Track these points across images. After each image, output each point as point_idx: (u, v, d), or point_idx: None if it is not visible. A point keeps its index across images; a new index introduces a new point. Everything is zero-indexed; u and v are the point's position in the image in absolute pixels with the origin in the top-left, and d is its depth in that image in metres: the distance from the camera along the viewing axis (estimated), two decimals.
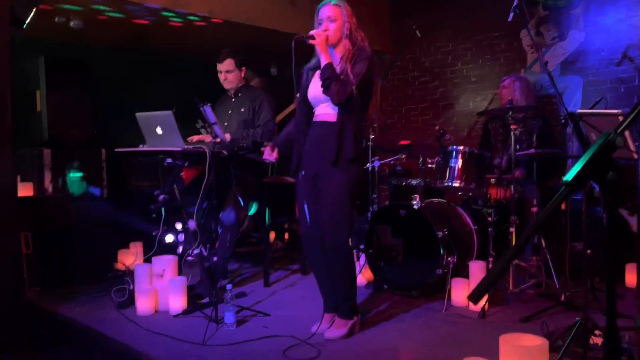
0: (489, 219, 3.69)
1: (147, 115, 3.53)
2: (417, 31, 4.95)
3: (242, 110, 3.97)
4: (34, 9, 4.22)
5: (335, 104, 2.79)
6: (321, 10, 2.86)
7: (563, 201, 0.98)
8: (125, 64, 5.45)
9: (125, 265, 4.27)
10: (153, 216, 3.84)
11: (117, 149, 3.77)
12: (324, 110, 2.91)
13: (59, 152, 4.44)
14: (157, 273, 3.55)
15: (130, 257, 4.34)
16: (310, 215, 2.96)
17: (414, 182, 4.15)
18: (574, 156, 4.30)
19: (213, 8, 4.69)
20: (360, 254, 4.00)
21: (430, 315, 3.28)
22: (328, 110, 2.88)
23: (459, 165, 3.83)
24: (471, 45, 5.68)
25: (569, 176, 0.95)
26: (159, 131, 3.44)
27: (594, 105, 3.20)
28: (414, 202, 3.71)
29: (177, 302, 3.34)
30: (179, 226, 4.08)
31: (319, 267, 3.02)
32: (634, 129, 2.41)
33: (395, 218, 3.74)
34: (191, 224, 3.63)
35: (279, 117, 4.54)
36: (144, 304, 3.34)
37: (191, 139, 3.94)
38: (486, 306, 3.20)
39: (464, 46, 5.74)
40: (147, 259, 4.04)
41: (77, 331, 3.23)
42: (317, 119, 2.95)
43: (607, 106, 3.97)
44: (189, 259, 3.97)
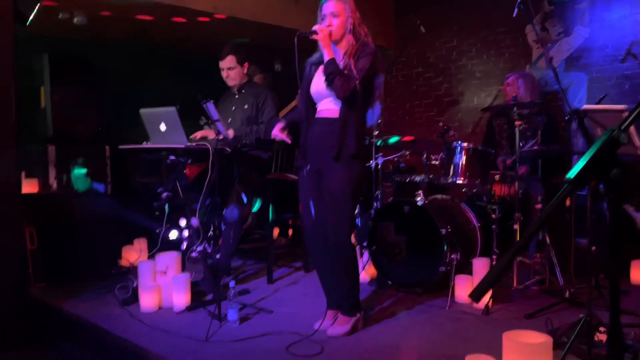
0: (493, 215, 3.68)
1: (151, 112, 3.53)
2: (421, 27, 4.93)
3: (246, 107, 3.96)
4: (38, 5, 4.22)
5: (339, 98, 2.78)
6: (324, 5, 2.84)
7: (566, 199, 0.97)
8: (129, 60, 5.45)
9: (129, 261, 4.27)
10: (157, 213, 3.85)
11: (120, 146, 3.77)
12: (326, 105, 2.89)
13: (64, 148, 4.45)
14: (160, 270, 3.55)
15: (134, 253, 4.35)
16: (312, 211, 2.94)
17: (417, 178, 4.14)
18: (579, 153, 4.28)
19: (217, 4, 4.68)
20: (363, 250, 4.00)
21: (434, 312, 3.28)
22: (331, 106, 2.86)
23: (463, 161, 3.81)
24: (476, 41, 5.65)
25: (571, 173, 0.94)
26: (162, 127, 3.44)
27: (599, 102, 3.19)
28: (417, 199, 3.70)
29: (180, 299, 3.35)
30: (182, 223, 4.08)
31: (321, 263, 3.01)
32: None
33: (398, 215, 3.74)
34: (194, 221, 3.63)
35: (282, 113, 4.53)
36: (147, 301, 3.34)
37: (195, 136, 3.94)
38: (490, 303, 3.19)
39: (468, 42, 5.71)
40: (151, 255, 4.05)
41: (81, 328, 3.24)
42: (320, 114, 2.93)
43: (611, 103, 3.96)
44: (192, 255, 3.97)
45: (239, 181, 3.79)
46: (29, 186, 4.25)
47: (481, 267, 3.41)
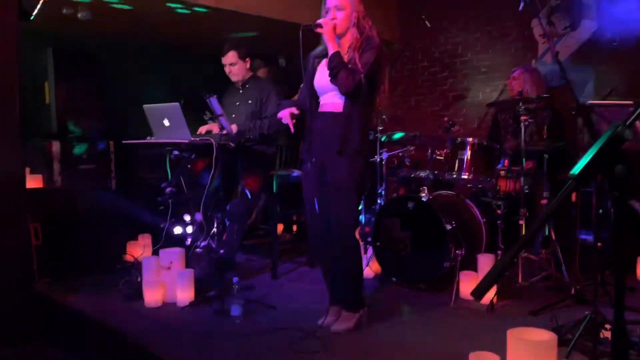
0: (498, 211, 3.66)
1: (154, 107, 3.52)
2: (426, 21, 4.90)
3: (250, 102, 3.95)
4: (41, 1, 4.21)
5: (343, 93, 2.75)
6: None
7: (570, 195, 0.95)
8: (133, 55, 5.44)
9: (133, 257, 4.28)
10: (161, 208, 3.85)
11: (124, 141, 3.77)
12: (330, 99, 2.86)
13: (68, 144, 4.45)
14: (164, 265, 3.55)
15: (138, 249, 4.35)
16: (316, 206, 2.92)
17: (422, 174, 4.11)
18: (585, 148, 4.25)
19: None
20: (367, 246, 3.98)
21: (438, 308, 3.26)
22: (335, 100, 2.83)
23: (468, 157, 3.79)
24: (481, 36, 5.62)
25: (575, 169, 0.92)
26: (166, 123, 3.43)
27: (606, 97, 3.15)
28: (422, 195, 3.68)
29: (184, 295, 3.34)
30: (187, 218, 4.08)
31: (325, 259, 3.00)
32: None
33: (403, 210, 3.71)
34: (198, 216, 3.63)
35: None
36: (151, 296, 3.34)
37: (200, 130, 3.93)
38: (495, 299, 3.17)
39: (474, 36, 5.68)
40: (156, 250, 4.05)
41: (85, 323, 3.24)
42: (323, 108, 2.89)
43: (618, 97, 3.91)
44: (197, 251, 3.97)
45: (242, 176, 3.78)
46: (34, 182, 4.26)
47: (486, 263, 3.39)
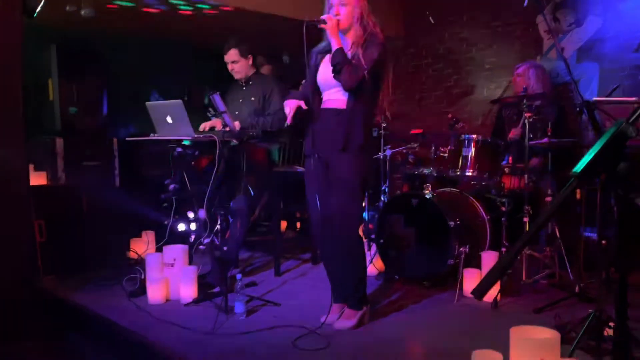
0: (502, 208, 3.64)
1: (156, 104, 3.53)
2: (430, 17, 4.87)
3: (253, 98, 3.95)
4: None
5: (346, 89, 2.74)
6: None
7: (572, 193, 0.94)
8: (137, 52, 5.44)
9: (137, 253, 4.29)
10: (164, 205, 3.85)
11: (127, 138, 3.78)
12: (333, 95, 2.84)
13: (72, 141, 4.46)
14: (168, 262, 3.56)
15: (142, 245, 4.36)
16: (319, 203, 2.90)
17: (426, 171, 4.10)
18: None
19: None
20: (371, 243, 3.98)
21: (442, 306, 3.25)
22: (338, 96, 2.82)
23: (472, 154, 3.77)
24: (486, 32, 5.58)
25: (578, 167, 0.91)
26: (169, 120, 3.43)
27: (611, 93, 3.13)
28: (425, 192, 3.67)
29: (187, 291, 3.35)
30: (190, 215, 4.08)
31: (328, 256, 3.00)
32: None
33: (407, 208, 3.71)
34: (202, 213, 3.63)
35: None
36: (155, 293, 3.35)
37: (203, 127, 3.93)
38: (498, 297, 3.16)
39: (478, 33, 5.64)
40: (159, 247, 4.05)
41: (89, 319, 3.25)
42: (326, 105, 2.88)
43: (623, 94, 3.89)
44: (200, 247, 3.97)
45: (246, 173, 3.77)
46: (38, 179, 4.27)
47: (490, 260, 3.37)
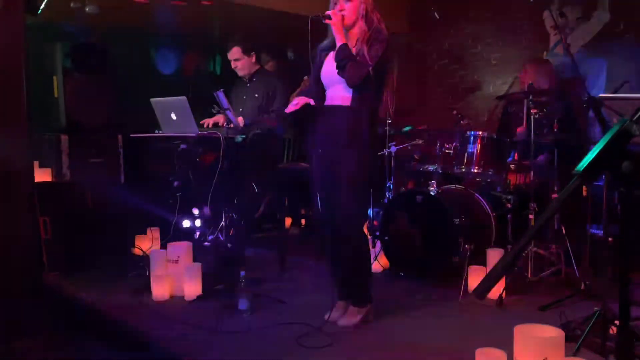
0: (508, 205, 3.62)
1: (161, 101, 3.52)
2: (435, 13, 4.84)
3: (256, 95, 3.95)
4: None
5: (350, 85, 2.72)
6: None
7: (575, 192, 0.93)
8: (142, 48, 5.44)
9: (142, 250, 4.29)
10: (170, 201, 3.86)
11: (132, 135, 3.78)
12: (338, 92, 2.82)
13: (77, 137, 4.46)
14: (172, 259, 3.56)
15: (147, 242, 4.36)
16: (324, 200, 2.90)
17: (431, 168, 4.08)
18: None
19: None
20: (376, 240, 3.96)
21: (446, 303, 3.24)
22: (342, 93, 2.80)
23: (477, 150, 3.75)
24: (492, 27, 5.55)
25: (580, 166, 0.90)
26: (173, 117, 3.43)
27: (618, 89, 3.10)
28: (430, 189, 3.66)
29: (192, 288, 3.35)
30: (195, 212, 4.08)
31: (333, 253, 2.99)
32: None
33: (411, 205, 3.69)
34: (206, 210, 3.63)
35: (292, 98, 4.48)
36: (159, 290, 3.35)
37: (207, 124, 3.92)
38: (504, 294, 3.14)
39: (484, 28, 5.61)
40: (164, 244, 4.05)
41: (93, 316, 3.25)
42: (331, 101, 2.86)
43: (631, 90, 3.85)
44: (205, 244, 3.98)
45: (250, 170, 3.77)
46: (43, 175, 4.27)
47: (495, 257, 3.36)
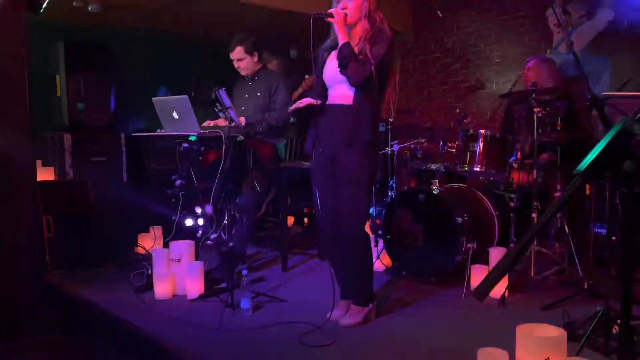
0: (511, 204, 3.61)
1: (163, 100, 3.52)
2: (438, 11, 4.83)
3: (259, 94, 3.94)
4: None
5: (353, 84, 2.72)
6: None
7: (576, 192, 0.92)
8: (145, 47, 5.44)
9: (145, 249, 4.30)
10: (172, 200, 3.85)
11: (135, 133, 3.78)
12: (340, 91, 2.81)
13: (80, 136, 4.47)
14: (174, 257, 3.56)
15: (149, 241, 4.37)
16: (325, 199, 2.89)
17: (433, 166, 4.07)
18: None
19: None
20: (378, 239, 3.96)
21: (449, 302, 3.23)
22: (345, 92, 2.79)
23: (480, 149, 3.73)
24: (495, 26, 5.53)
25: (582, 166, 0.89)
26: (175, 116, 3.43)
27: (622, 87, 3.09)
28: (433, 187, 3.65)
29: (194, 287, 3.35)
30: (198, 210, 4.07)
31: (335, 252, 2.98)
32: None
33: (414, 203, 3.68)
34: (208, 208, 3.62)
35: (294, 96, 4.47)
36: (161, 288, 3.35)
37: (208, 123, 3.92)
38: (506, 293, 3.13)
39: (487, 26, 5.59)
40: (167, 243, 4.06)
41: (95, 314, 3.26)
42: (333, 100, 2.85)
43: (636, 88, 3.83)
44: (207, 243, 3.97)
45: (252, 169, 3.77)
46: (45, 174, 4.28)
47: (498, 256, 3.34)
